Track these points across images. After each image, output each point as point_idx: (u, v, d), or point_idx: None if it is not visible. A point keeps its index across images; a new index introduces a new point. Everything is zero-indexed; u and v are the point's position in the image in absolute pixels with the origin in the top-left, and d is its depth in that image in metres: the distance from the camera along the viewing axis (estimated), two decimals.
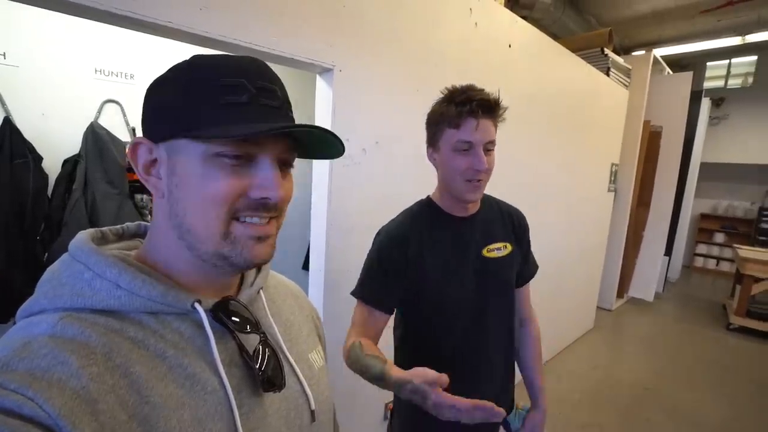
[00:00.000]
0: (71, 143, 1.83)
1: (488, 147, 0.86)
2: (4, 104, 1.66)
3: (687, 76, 4.20)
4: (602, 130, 3.32)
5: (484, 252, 0.95)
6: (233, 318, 0.43)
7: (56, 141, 1.80)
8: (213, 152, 0.38)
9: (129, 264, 0.39)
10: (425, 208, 0.97)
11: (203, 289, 0.43)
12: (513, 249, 1.00)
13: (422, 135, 0.96)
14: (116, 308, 0.37)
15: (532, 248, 1.10)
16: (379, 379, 0.73)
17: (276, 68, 0.50)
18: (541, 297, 2.86)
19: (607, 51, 3.12)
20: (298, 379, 0.49)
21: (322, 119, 1.42)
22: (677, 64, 5.56)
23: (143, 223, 0.50)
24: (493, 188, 2.15)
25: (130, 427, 0.33)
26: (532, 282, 1.10)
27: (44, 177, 1.74)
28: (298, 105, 2.35)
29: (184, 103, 0.38)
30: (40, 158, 1.72)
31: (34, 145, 1.70)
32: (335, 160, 1.42)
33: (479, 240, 0.96)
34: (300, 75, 1.68)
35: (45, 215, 1.73)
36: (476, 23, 1.86)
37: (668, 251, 4.80)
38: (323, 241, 1.45)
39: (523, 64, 2.24)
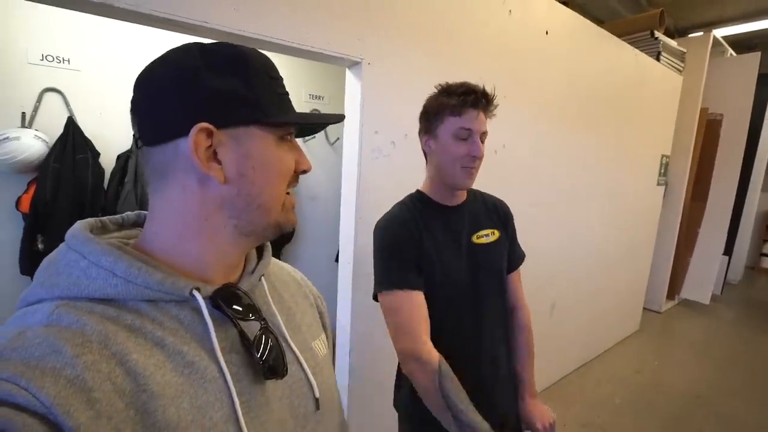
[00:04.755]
0: (125, 139, 1.98)
1: (482, 137, 0.93)
2: (68, 105, 1.83)
3: (753, 58, 3.81)
4: (651, 120, 3.10)
5: (474, 239, 1.00)
6: (234, 306, 0.42)
7: (112, 138, 1.96)
8: (281, 135, 0.44)
9: (125, 252, 0.39)
10: (417, 200, 1.01)
11: (204, 276, 0.43)
12: (500, 235, 1.05)
13: None
14: (113, 296, 0.37)
15: (573, 241, 1.19)
16: None
17: (303, 61, 0.55)
18: (581, 294, 2.75)
19: (657, 34, 2.91)
20: (302, 366, 0.49)
21: (352, 112, 1.44)
22: (743, 45, 5.03)
23: (143, 212, 0.49)
24: (527, 181, 2.07)
25: (127, 415, 0.33)
26: (574, 276, 1.18)
27: (101, 171, 1.90)
28: (333, 98, 2.38)
29: (254, 93, 0.41)
30: (98, 154, 1.88)
31: (93, 141, 1.86)
32: (365, 153, 1.44)
33: (468, 227, 1.00)
34: (329, 68, 1.71)
35: (102, 207, 1.90)
36: (510, 11, 1.80)
37: (728, 250, 4.40)
38: (352, 232, 1.48)
39: (561, 51, 2.14)
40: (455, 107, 0.90)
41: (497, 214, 1.07)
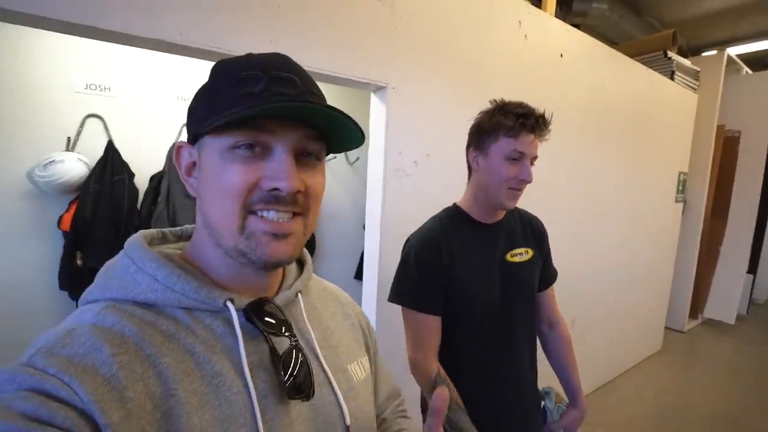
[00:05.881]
0: (157, 161, 2.09)
1: (532, 161, 0.92)
2: (107, 130, 1.95)
3: None
4: (667, 137, 3.11)
5: (508, 257, 0.99)
6: (267, 319, 0.42)
7: (145, 160, 2.07)
8: (229, 145, 0.38)
9: (170, 260, 0.41)
10: (453, 216, 1.01)
11: (239, 288, 0.43)
12: (534, 254, 1.04)
13: None
14: (153, 301, 0.39)
15: (590, 259, 1.18)
16: None
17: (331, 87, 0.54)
18: (600, 312, 2.72)
19: (670, 54, 2.95)
20: (333, 390, 0.46)
21: (376, 134, 1.51)
22: (759, 62, 5.04)
23: None
24: (545, 199, 2.10)
25: (154, 417, 0.33)
26: (593, 294, 1.18)
27: (136, 192, 2.00)
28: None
29: (209, 101, 0.40)
30: (132, 175, 1.98)
31: (129, 164, 1.97)
32: (389, 172, 1.50)
33: (504, 245, 1.00)
34: (354, 92, 1.79)
35: (135, 226, 1.99)
36: (526, 35, 1.87)
37: (752, 269, 4.30)
38: (377, 249, 1.52)
39: (576, 73, 2.20)
40: (511, 129, 0.88)
41: (533, 232, 1.06)
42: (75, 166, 1.80)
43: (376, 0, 1.39)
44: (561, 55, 2.08)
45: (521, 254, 1.01)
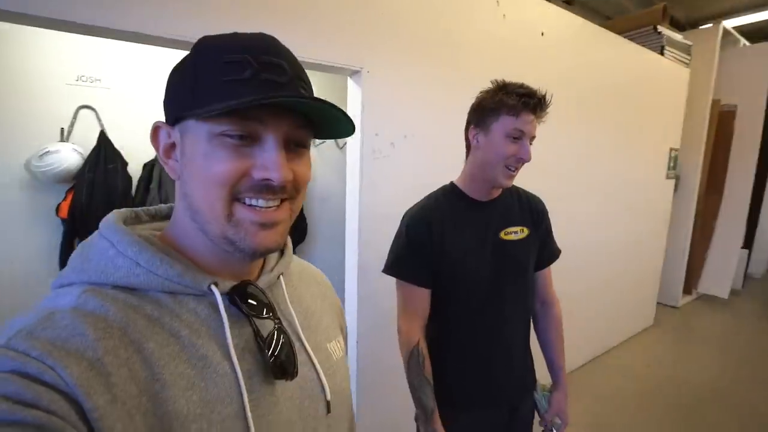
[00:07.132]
0: (150, 149, 2.15)
1: (531, 141, 0.95)
2: (99, 120, 2.02)
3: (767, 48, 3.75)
4: (657, 113, 3.11)
5: (502, 234, 1.02)
6: (250, 301, 0.42)
7: (138, 148, 2.13)
8: (217, 131, 0.37)
9: (151, 243, 0.40)
10: (449, 193, 1.05)
11: (222, 271, 0.43)
12: (530, 233, 1.06)
13: (450, 127, 0.98)
14: (136, 285, 0.38)
15: (575, 234, 1.15)
16: (423, 415, 0.95)
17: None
18: (590, 287, 2.78)
19: (660, 28, 2.92)
20: (315, 368, 0.48)
21: (353, 117, 1.55)
22: (759, 34, 4.92)
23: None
24: (529, 175, 2.16)
25: (140, 402, 0.34)
26: (579, 268, 1.16)
27: (129, 179, 2.07)
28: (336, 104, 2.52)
29: (191, 83, 0.38)
30: (126, 163, 2.06)
31: (122, 152, 2.04)
32: (366, 153, 1.55)
33: (498, 223, 1.02)
34: (330, 75, 1.82)
35: None
36: (504, 15, 1.89)
37: (748, 244, 4.32)
38: (356, 225, 1.59)
39: (558, 52, 2.20)
40: (514, 107, 0.90)
41: (530, 211, 1.08)
42: (70, 156, 1.88)
43: None
44: (542, 34, 2.08)
45: (516, 232, 1.03)
